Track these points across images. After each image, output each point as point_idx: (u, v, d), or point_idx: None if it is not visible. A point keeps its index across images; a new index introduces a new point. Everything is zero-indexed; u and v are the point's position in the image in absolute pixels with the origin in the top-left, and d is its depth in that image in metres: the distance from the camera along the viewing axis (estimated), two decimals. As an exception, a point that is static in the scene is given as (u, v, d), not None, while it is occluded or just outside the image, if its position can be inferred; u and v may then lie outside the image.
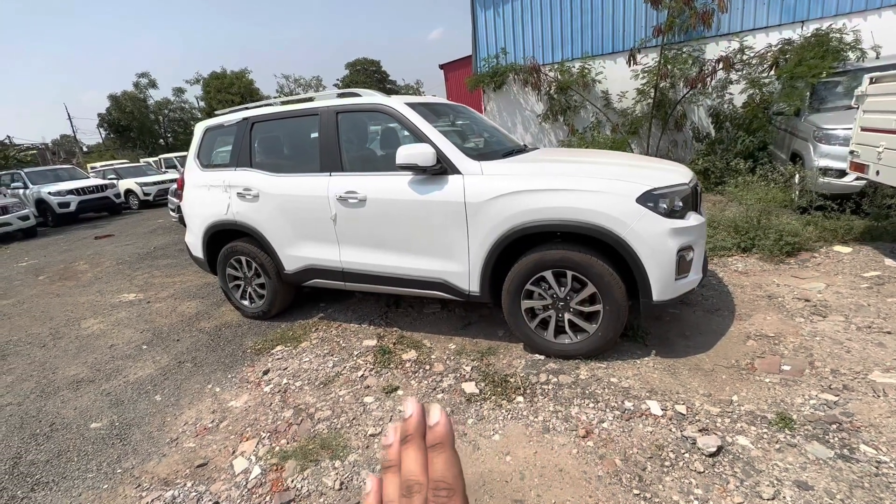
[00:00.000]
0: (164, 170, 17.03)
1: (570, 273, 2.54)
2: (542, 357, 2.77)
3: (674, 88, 8.12)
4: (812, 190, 4.55)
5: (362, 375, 2.83)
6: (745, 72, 6.96)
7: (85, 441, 2.50)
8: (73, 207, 12.10)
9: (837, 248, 3.97)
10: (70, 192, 12.14)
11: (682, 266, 2.45)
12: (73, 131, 36.34)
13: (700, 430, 2.02)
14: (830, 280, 3.40)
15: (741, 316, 3.03)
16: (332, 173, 3.13)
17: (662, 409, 2.18)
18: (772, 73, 6.39)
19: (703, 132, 8.06)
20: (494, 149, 3.39)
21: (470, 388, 2.55)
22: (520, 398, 2.41)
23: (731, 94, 7.26)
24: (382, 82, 50.68)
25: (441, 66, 27.26)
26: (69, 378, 3.25)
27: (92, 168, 18.42)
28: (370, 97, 3.15)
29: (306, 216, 3.26)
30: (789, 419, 2.02)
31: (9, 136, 20.28)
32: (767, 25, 7.63)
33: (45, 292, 5.66)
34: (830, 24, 6.51)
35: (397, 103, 2.97)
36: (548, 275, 2.60)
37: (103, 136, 33.48)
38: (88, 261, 7.27)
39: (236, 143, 3.60)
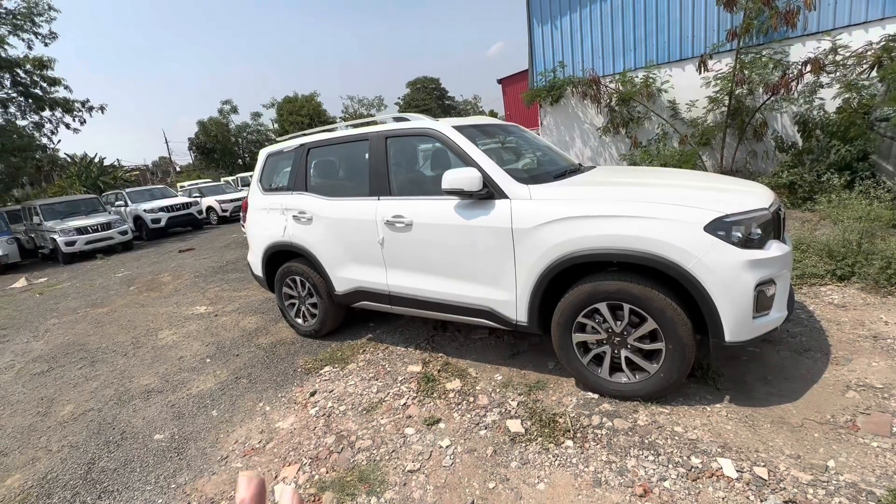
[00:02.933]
0: (240, 188, 18.53)
1: (627, 306, 2.32)
2: (596, 396, 2.54)
3: (752, 95, 7.43)
4: (929, 208, 3.88)
5: (405, 404, 2.77)
6: (838, 74, 6.19)
7: (148, 452, 2.67)
8: (163, 223, 13.49)
9: (966, 278, 3.32)
10: (161, 209, 13.55)
11: (762, 303, 2.14)
12: (169, 153, 40.86)
13: (786, 502, 1.71)
14: (958, 319, 2.83)
15: (838, 359, 2.59)
16: (381, 197, 3.16)
17: (738, 471, 1.89)
18: (873, 74, 5.61)
19: (788, 141, 7.26)
20: (546, 170, 3.24)
21: (515, 426, 2.39)
22: (569, 442, 2.21)
23: (821, 98, 6.48)
24: (441, 99, 51.84)
25: (499, 81, 27.45)
26: (142, 388, 3.51)
27: (180, 187, 20.47)
28: (418, 121, 3.15)
29: (355, 239, 3.31)
30: (906, 498, 1.65)
31: (118, 160, 23.20)
32: (867, 20, 6.76)
33: (133, 302, 6.27)
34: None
35: (444, 127, 2.94)
36: (602, 307, 2.39)
37: (192, 157, 37.26)
38: (171, 273, 7.99)
39: (294, 168, 3.76)
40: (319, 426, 2.67)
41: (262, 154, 4.13)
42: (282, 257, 3.96)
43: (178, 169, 45.66)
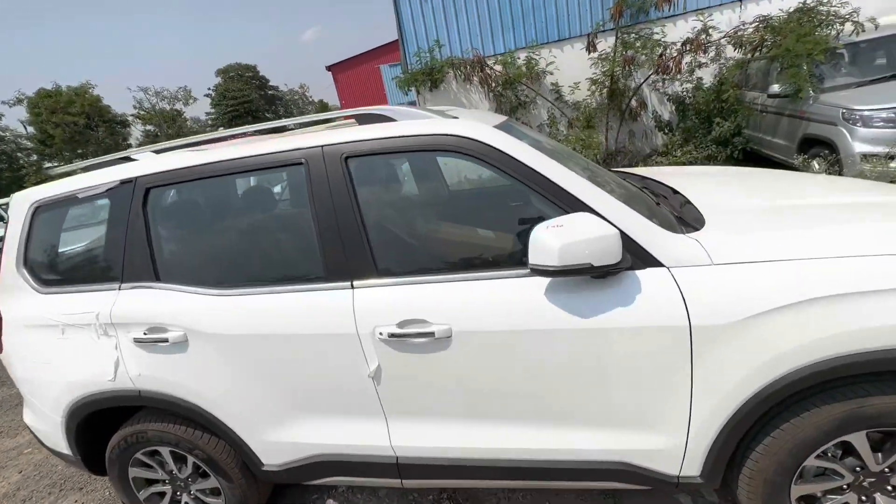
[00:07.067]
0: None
1: (903, 433, 1.32)
2: (828, 570, 1.52)
3: (632, 76, 7.51)
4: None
5: None
6: (713, 54, 6.52)
7: None
8: None
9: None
10: None
11: None
12: None
13: None
14: None
15: None
16: (356, 282, 1.52)
17: None
18: (757, 53, 5.95)
19: (664, 120, 7.59)
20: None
21: None
22: None
23: (700, 78, 6.79)
24: (263, 88, 45.92)
25: (328, 68, 24.97)
26: None
27: None
28: (422, 120, 1.57)
29: (310, 372, 1.60)
30: None
31: None
32: (710, 5, 7.33)
33: None
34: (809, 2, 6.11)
35: (482, 132, 1.46)
36: (856, 439, 1.35)
37: None
38: None
39: (113, 231, 1.75)
40: None
41: (21, 205, 1.91)
42: (115, 415, 1.92)
43: None
